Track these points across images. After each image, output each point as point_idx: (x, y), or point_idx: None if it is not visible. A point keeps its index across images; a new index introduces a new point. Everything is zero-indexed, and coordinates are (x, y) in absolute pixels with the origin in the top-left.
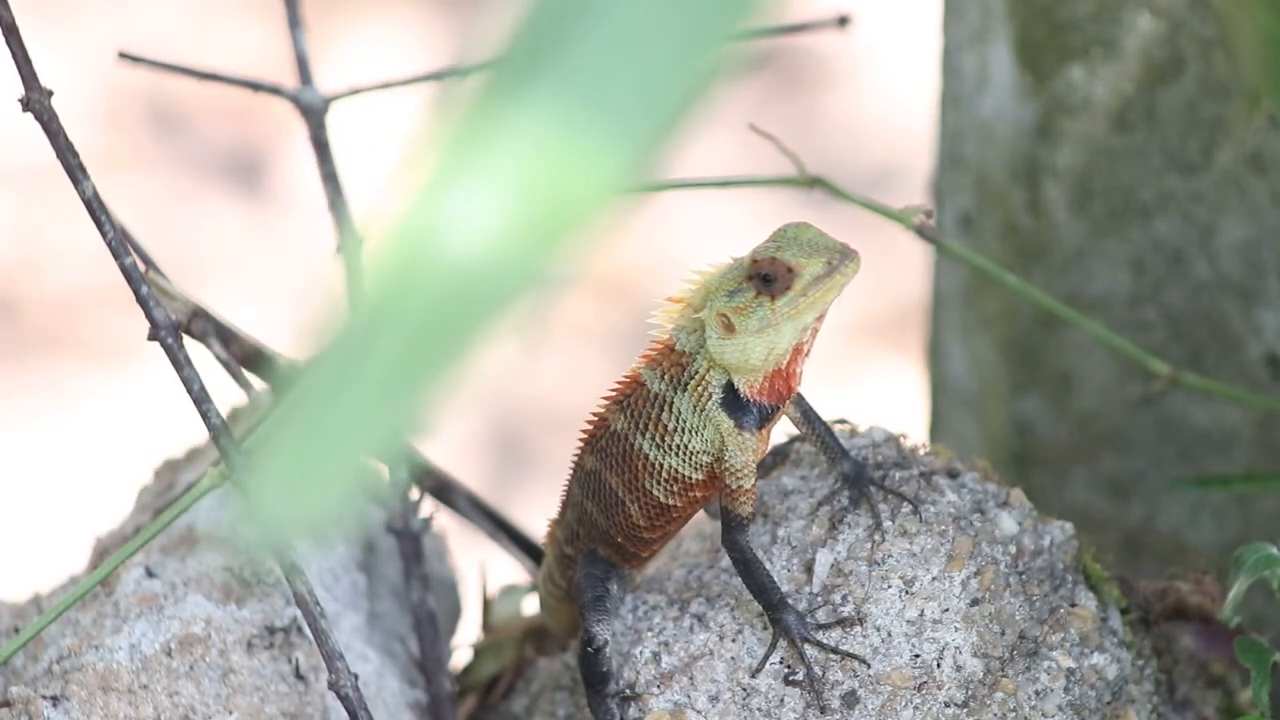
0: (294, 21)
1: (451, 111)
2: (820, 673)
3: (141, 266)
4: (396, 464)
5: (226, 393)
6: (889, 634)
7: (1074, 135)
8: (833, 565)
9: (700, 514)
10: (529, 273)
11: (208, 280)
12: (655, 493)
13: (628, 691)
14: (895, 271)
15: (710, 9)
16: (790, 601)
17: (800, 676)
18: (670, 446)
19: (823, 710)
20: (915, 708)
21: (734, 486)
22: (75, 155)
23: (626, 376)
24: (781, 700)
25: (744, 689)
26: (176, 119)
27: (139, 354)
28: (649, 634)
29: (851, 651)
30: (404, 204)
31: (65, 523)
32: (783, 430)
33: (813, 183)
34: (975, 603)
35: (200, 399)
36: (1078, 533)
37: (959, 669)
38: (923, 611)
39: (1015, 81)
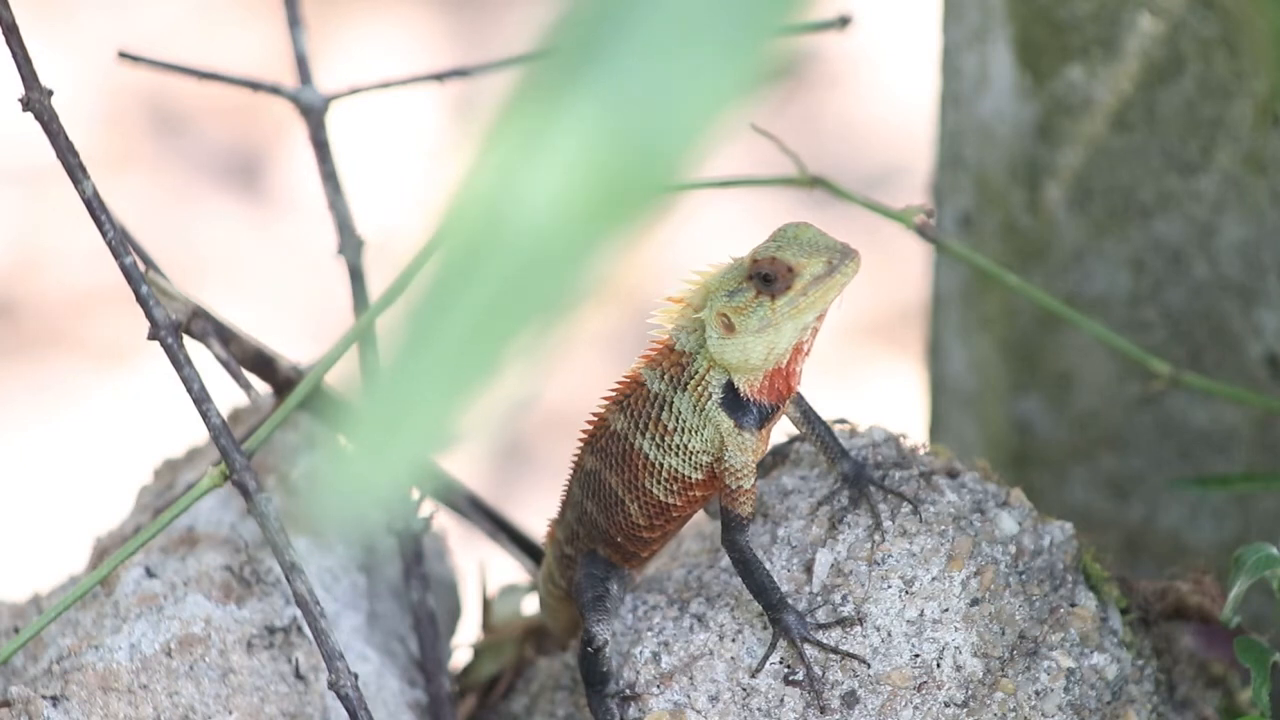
0: (294, 21)
1: (512, 95)
2: (820, 673)
3: (141, 266)
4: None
5: (226, 393)
6: (889, 634)
7: (1074, 135)
8: (833, 565)
9: (700, 514)
10: (592, 245)
11: (208, 280)
12: (655, 492)
13: (628, 691)
14: (895, 271)
15: (756, 6)
16: (790, 601)
17: (800, 676)
18: (670, 446)
19: (823, 710)
20: (915, 708)
21: (734, 486)
22: (75, 155)
23: (626, 376)
24: (781, 700)
25: (744, 689)
26: (176, 119)
27: (139, 354)
28: (649, 634)
29: (851, 651)
30: (470, 179)
31: (65, 523)
32: (783, 430)
33: (813, 182)
34: (975, 603)
35: (200, 399)
36: (1078, 533)
37: (959, 669)
38: (923, 611)
39: (1015, 81)
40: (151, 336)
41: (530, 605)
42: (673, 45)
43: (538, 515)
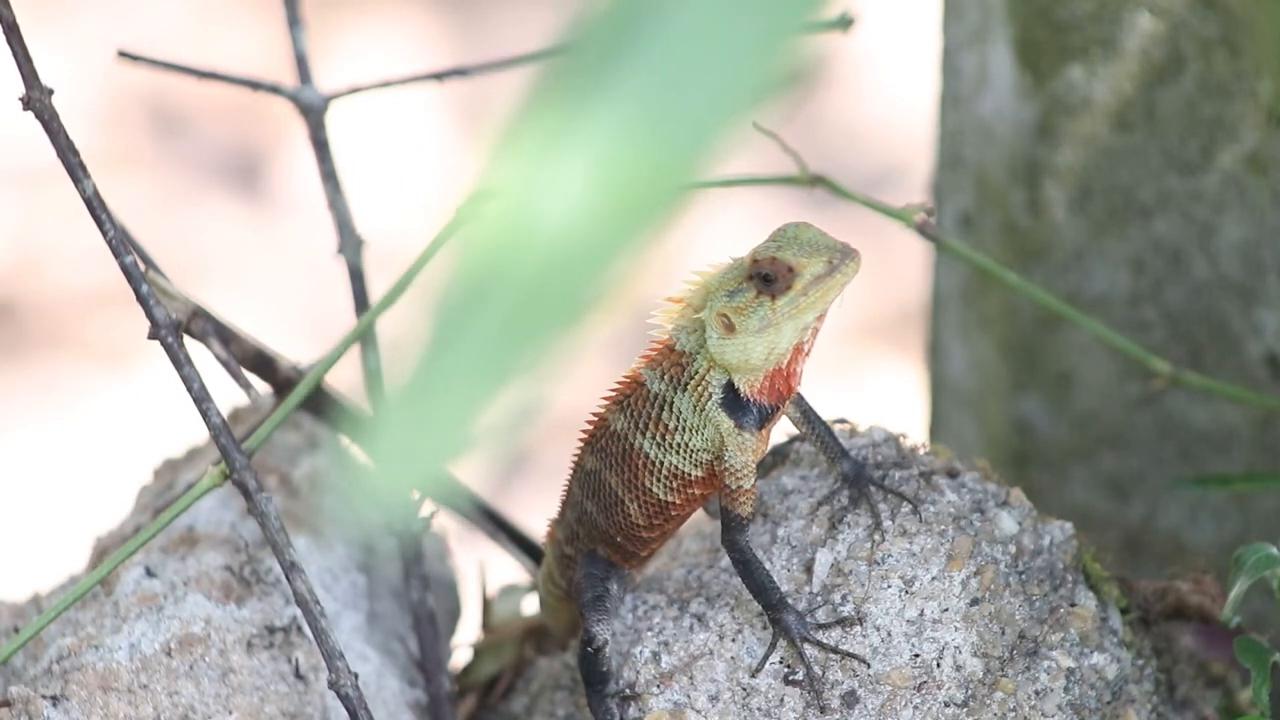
0: (294, 21)
1: (537, 95)
2: (820, 672)
3: (141, 266)
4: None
5: (226, 393)
6: (889, 634)
7: (1074, 135)
8: (833, 565)
9: (700, 514)
10: (616, 246)
11: (208, 280)
12: (655, 490)
13: (628, 691)
14: (895, 271)
15: (775, 8)
16: (790, 601)
17: (800, 676)
18: (670, 445)
19: (823, 710)
20: (915, 707)
21: (734, 486)
22: (75, 154)
23: (626, 376)
24: (781, 700)
25: (744, 689)
26: (176, 119)
27: (139, 354)
28: (649, 634)
29: (851, 651)
30: (491, 181)
31: (65, 523)
32: (783, 430)
33: (814, 181)
34: (975, 602)
35: (200, 398)
36: (1078, 533)
37: (959, 669)
38: (923, 611)
39: (1015, 81)
40: (152, 336)
41: (530, 605)
42: (693, 46)
43: (538, 515)
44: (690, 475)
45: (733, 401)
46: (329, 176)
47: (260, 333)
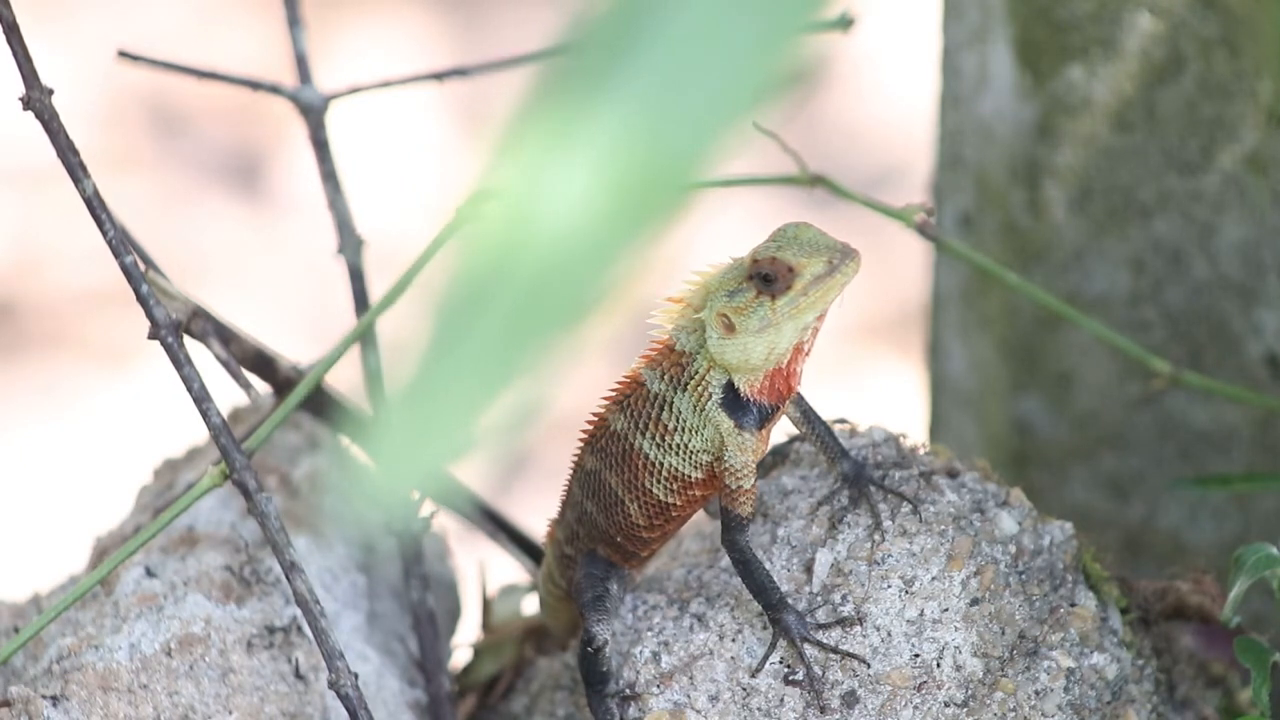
0: (294, 21)
1: (540, 95)
2: (820, 672)
3: (141, 266)
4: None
5: (226, 393)
6: (889, 634)
7: (1074, 135)
8: (833, 565)
9: (700, 514)
10: (618, 246)
11: (208, 280)
12: (655, 491)
13: (628, 691)
14: (895, 271)
15: (776, 8)
16: (790, 601)
17: (800, 676)
18: (670, 445)
19: (823, 710)
20: (915, 707)
21: (734, 486)
22: (76, 154)
23: (626, 376)
24: (781, 700)
25: (744, 689)
26: (176, 119)
27: (139, 354)
28: (649, 634)
29: (851, 651)
30: (494, 182)
31: (65, 523)
32: (783, 430)
33: (814, 181)
34: (975, 602)
35: (200, 398)
36: (1078, 533)
37: (959, 669)
38: (923, 611)
39: (1015, 81)
40: (152, 336)
41: (530, 605)
42: (694, 46)
43: (538, 515)
44: (690, 476)
45: (733, 401)
46: (329, 176)
47: (260, 333)
